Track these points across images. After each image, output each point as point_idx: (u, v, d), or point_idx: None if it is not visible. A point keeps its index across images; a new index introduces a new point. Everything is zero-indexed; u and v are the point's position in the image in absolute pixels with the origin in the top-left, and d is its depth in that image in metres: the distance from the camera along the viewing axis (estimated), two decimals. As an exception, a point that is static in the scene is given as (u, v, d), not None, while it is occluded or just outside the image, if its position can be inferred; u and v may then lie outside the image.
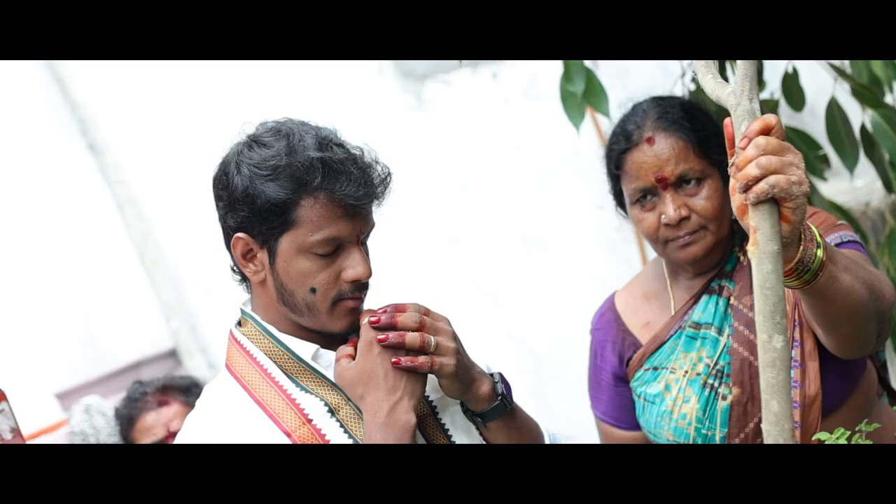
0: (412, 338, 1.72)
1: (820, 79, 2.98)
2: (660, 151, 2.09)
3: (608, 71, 3.36)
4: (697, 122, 2.12)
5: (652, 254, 3.81)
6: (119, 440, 2.85)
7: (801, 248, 1.62)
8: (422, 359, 1.72)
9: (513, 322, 3.92)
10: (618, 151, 2.14)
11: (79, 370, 3.49)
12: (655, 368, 2.17)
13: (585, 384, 2.34)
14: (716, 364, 2.11)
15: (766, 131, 1.50)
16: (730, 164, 1.54)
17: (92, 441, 3.17)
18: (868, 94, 2.67)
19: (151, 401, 2.74)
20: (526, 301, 3.95)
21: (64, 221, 3.67)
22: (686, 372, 2.13)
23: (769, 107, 2.85)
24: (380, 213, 1.79)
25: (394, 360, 1.71)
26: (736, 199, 1.52)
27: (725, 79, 2.76)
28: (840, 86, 2.71)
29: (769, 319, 1.46)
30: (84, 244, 3.71)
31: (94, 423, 3.19)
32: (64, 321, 3.55)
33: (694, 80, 2.93)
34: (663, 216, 2.09)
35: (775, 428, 1.45)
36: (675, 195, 2.09)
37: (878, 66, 2.81)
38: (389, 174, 1.77)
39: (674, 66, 3.20)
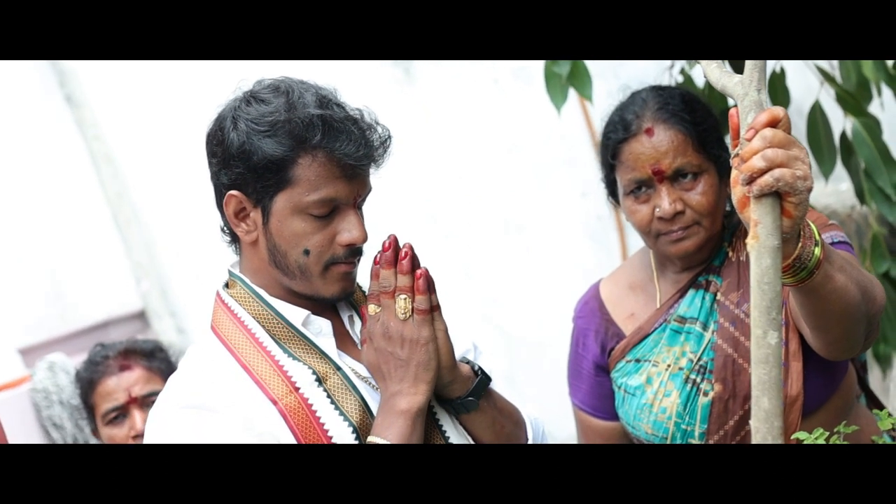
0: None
1: (808, 79, 2.97)
2: (658, 143, 2.06)
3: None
4: (698, 115, 2.09)
5: (632, 244, 3.81)
6: (80, 403, 2.79)
7: (800, 244, 1.60)
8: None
9: (488, 305, 3.90)
10: (615, 141, 2.11)
11: (44, 326, 3.42)
12: (638, 360, 2.15)
13: (558, 371, 2.31)
14: (699, 359, 2.09)
15: (773, 123, 1.47)
16: (733, 155, 1.51)
17: (55, 399, 3.11)
18: (852, 101, 2.66)
19: (113, 365, 2.67)
20: (503, 284, 3.93)
21: (37, 174, 3.60)
22: (668, 366, 2.11)
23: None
24: (377, 176, 1.75)
25: (418, 271, 1.72)
26: (737, 192, 1.49)
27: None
28: (825, 90, 2.70)
29: (765, 315, 1.44)
30: (56, 198, 3.65)
31: (58, 382, 3.13)
32: (31, 275, 3.48)
33: (682, 72, 2.92)
34: (657, 209, 2.06)
35: (764, 425, 1.43)
36: (670, 189, 2.06)
37: (868, 67, 2.80)
38: (389, 137, 1.74)
39: (666, 57, 3.17)
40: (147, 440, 1.71)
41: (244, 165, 1.69)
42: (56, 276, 3.54)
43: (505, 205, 3.90)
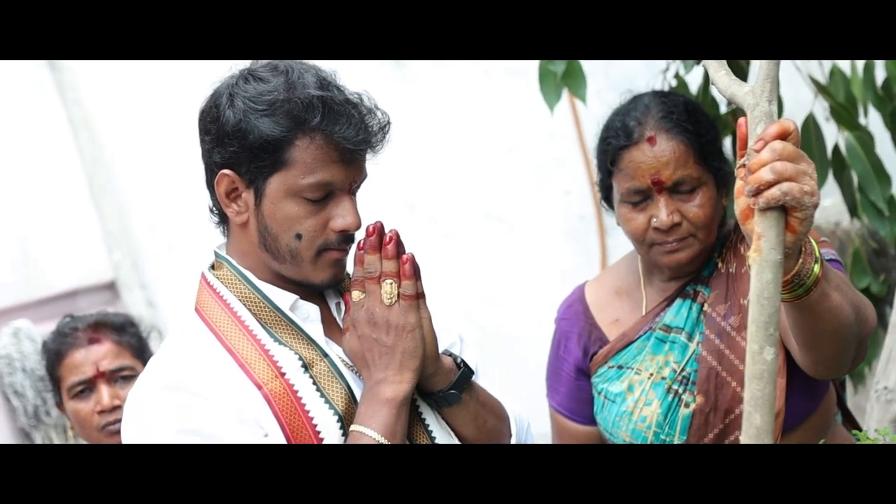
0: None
1: (799, 93, 2.96)
2: (660, 153, 2.02)
3: (592, 57, 3.31)
4: (701, 126, 2.06)
5: (612, 245, 3.79)
6: (44, 374, 2.72)
7: (801, 260, 1.58)
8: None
9: (464, 297, 3.87)
10: (615, 147, 2.06)
11: (10, 291, 3.36)
12: (620, 367, 2.12)
13: (531, 368, 2.28)
14: (682, 370, 2.07)
15: (783, 136, 1.45)
16: (738, 165, 1.48)
17: (17, 366, 3.05)
18: (846, 114, 2.65)
19: (81, 337, 2.59)
20: (479, 277, 3.91)
21: (13, 135, 3.53)
22: (651, 374, 2.08)
23: (741, 114, 2.83)
24: (374, 162, 1.71)
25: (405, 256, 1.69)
26: (741, 203, 1.46)
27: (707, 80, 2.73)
28: (819, 102, 2.69)
29: (762, 330, 1.42)
30: (31, 161, 3.58)
31: (22, 349, 3.07)
32: (-1, 238, 3.42)
33: (676, 76, 2.89)
34: (654, 220, 2.03)
35: (755, 442, 1.41)
36: (668, 200, 2.03)
37: (856, 86, 2.79)
38: (389, 123, 1.71)
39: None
40: (127, 420, 1.67)
41: (239, 144, 1.65)
42: (25, 241, 3.48)
43: (488, 198, 3.88)
